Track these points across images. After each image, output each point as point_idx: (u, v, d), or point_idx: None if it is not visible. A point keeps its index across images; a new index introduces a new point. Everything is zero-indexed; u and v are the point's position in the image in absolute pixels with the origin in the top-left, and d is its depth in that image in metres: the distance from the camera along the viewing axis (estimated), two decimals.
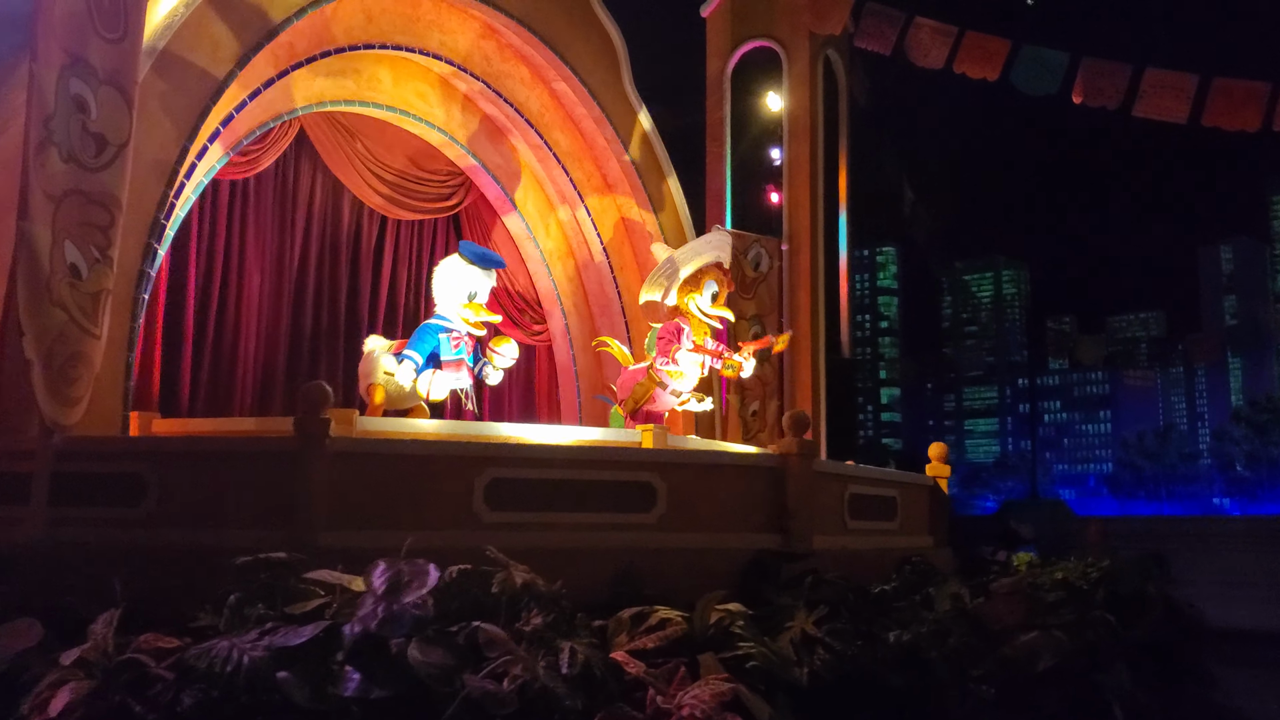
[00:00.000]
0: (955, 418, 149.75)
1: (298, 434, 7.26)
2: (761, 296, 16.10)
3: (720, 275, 11.52)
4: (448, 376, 9.86)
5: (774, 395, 16.00)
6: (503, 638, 5.24)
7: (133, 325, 8.72)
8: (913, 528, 10.96)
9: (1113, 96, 15.41)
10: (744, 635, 6.20)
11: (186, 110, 9.17)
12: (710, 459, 9.03)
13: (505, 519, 7.78)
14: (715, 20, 17.46)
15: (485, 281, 10.38)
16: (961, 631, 7.04)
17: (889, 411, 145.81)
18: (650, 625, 6.09)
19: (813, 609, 7.06)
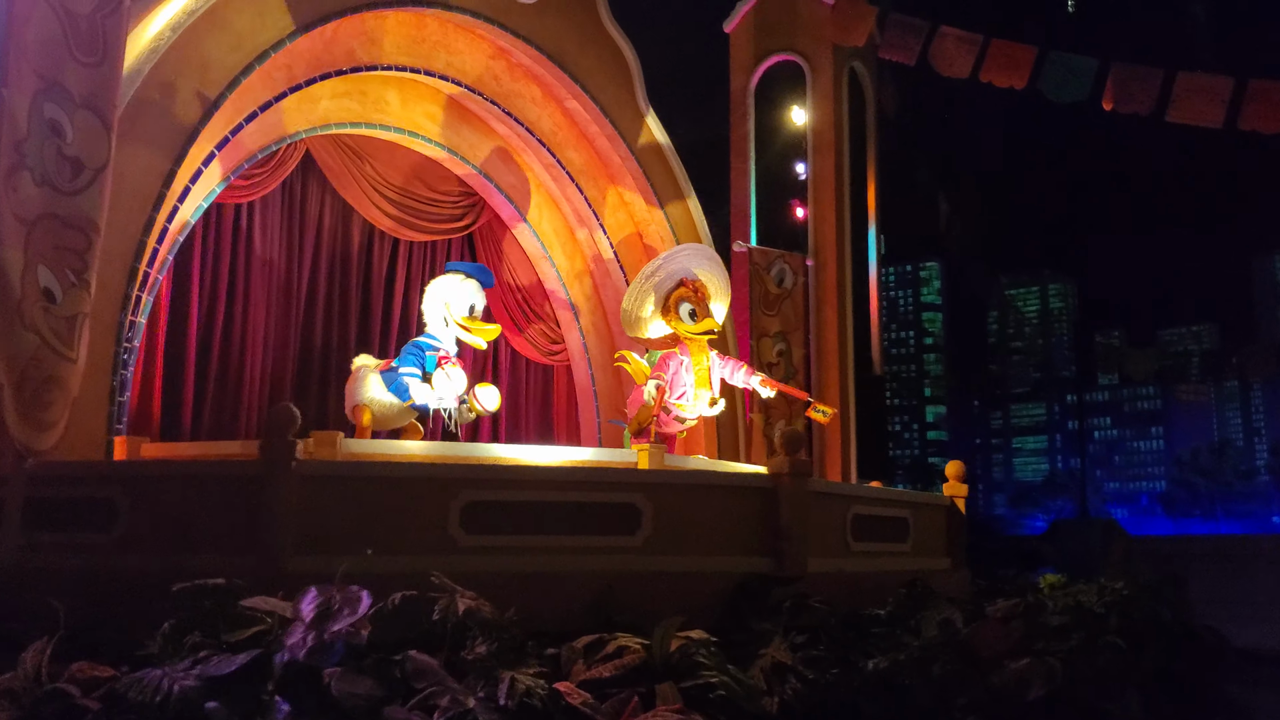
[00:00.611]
0: (1003, 435, 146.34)
1: (262, 457, 7.15)
2: (786, 313, 15.83)
3: (688, 291, 11.14)
4: (454, 374, 9.73)
5: (800, 413, 15.69)
6: (432, 668, 5.04)
7: (117, 349, 8.67)
8: (928, 549, 10.60)
9: (1144, 102, 14.96)
10: (708, 664, 5.93)
11: (173, 134, 9.15)
12: (699, 479, 8.77)
13: (482, 543, 7.61)
14: (738, 35, 17.33)
15: (481, 298, 10.29)
16: (948, 658, 6.70)
17: (935, 430, 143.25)
18: (607, 653, 5.85)
19: (792, 635, 6.79)
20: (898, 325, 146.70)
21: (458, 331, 10.10)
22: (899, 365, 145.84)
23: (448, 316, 10.11)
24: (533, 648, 5.87)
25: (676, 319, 10.99)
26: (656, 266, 11.17)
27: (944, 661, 6.62)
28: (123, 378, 9.22)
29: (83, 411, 8.22)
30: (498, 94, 13.02)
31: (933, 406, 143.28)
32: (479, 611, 5.60)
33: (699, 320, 11.06)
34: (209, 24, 9.43)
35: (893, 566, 9.78)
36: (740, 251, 15.48)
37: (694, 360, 11.00)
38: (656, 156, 14.29)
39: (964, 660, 6.77)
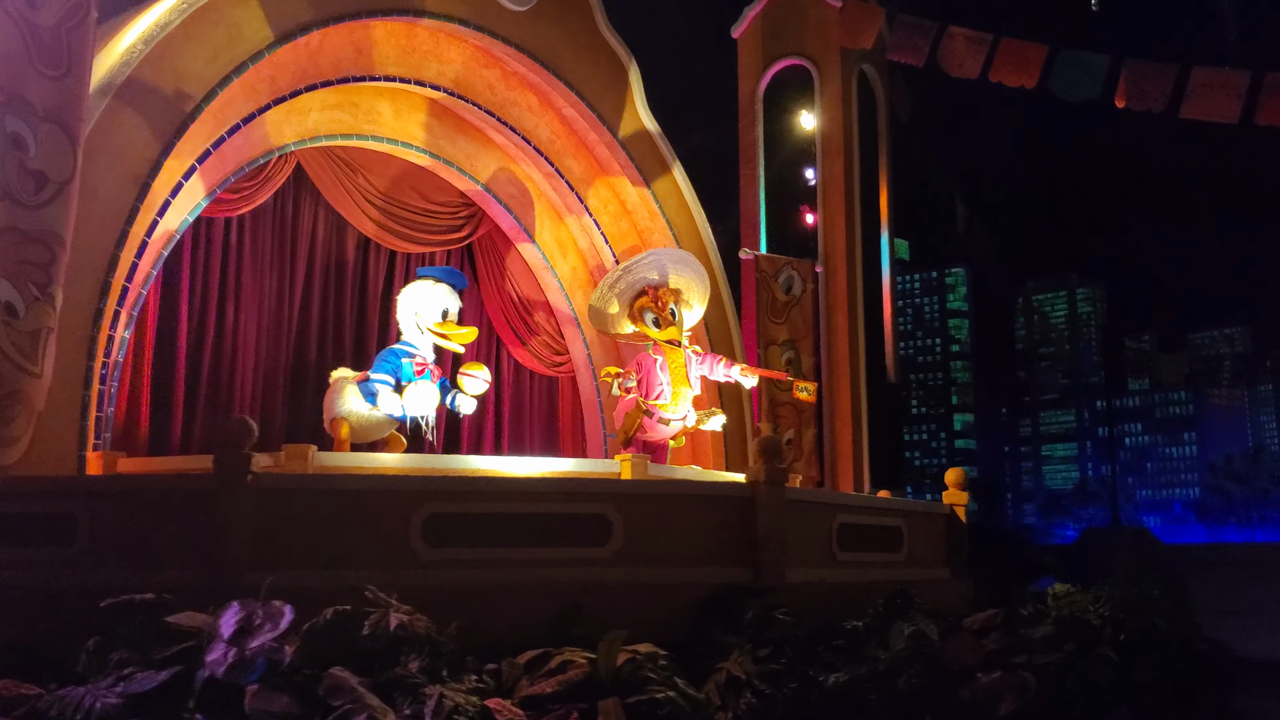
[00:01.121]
0: (1032, 443, 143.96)
1: (217, 471, 7.05)
2: (794, 320, 15.60)
3: (647, 300, 10.96)
4: (429, 389, 9.62)
5: (810, 423, 15.45)
6: (349, 685, 4.89)
7: (89, 364, 8.63)
8: (924, 559, 10.31)
9: (1158, 99, 14.62)
10: (656, 679, 5.73)
11: (146, 147, 9.13)
12: (672, 489, 8.57)
13: (445, 556, 7.47)
14: (746, 41, 17.14)
15: (456, 302, 10.19)
16: (915, 672, 6.45)
17: (963, 438, 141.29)
18: (550, 669, 5.67)
19: (756, 649, 6.58)
20: (924, 332, 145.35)
21: (431, 337, 9.97)
22: (925, 373, 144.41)
23: (419, 323, 10.00)
24: (473, 663, 5.70)
25: (643, 324, 10.86)
26: (617, 276, 11.02)
27: (911, 675, 6.38)
28: (102, 391, 9.20)
29: (52, 426, 8.21)
30: (492, 103, 12.92)
31: (960, 414, 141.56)
32: (412, 627, 5.45)
33: (663, 328, 10.89)
34: (184, 37, 9.40)
35: (884, 577, 9.48)
36: (746, 259, 15.28)
37: (669, 359, 10.82)
38: (659, 164, 14.13)
39: (933, 674, 6.52)
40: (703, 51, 19.54)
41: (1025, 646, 7.25)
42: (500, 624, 6.94)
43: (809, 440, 15.36)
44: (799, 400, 14.88)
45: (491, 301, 13.97)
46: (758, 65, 16.87)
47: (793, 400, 15.45)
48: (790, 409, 15.31)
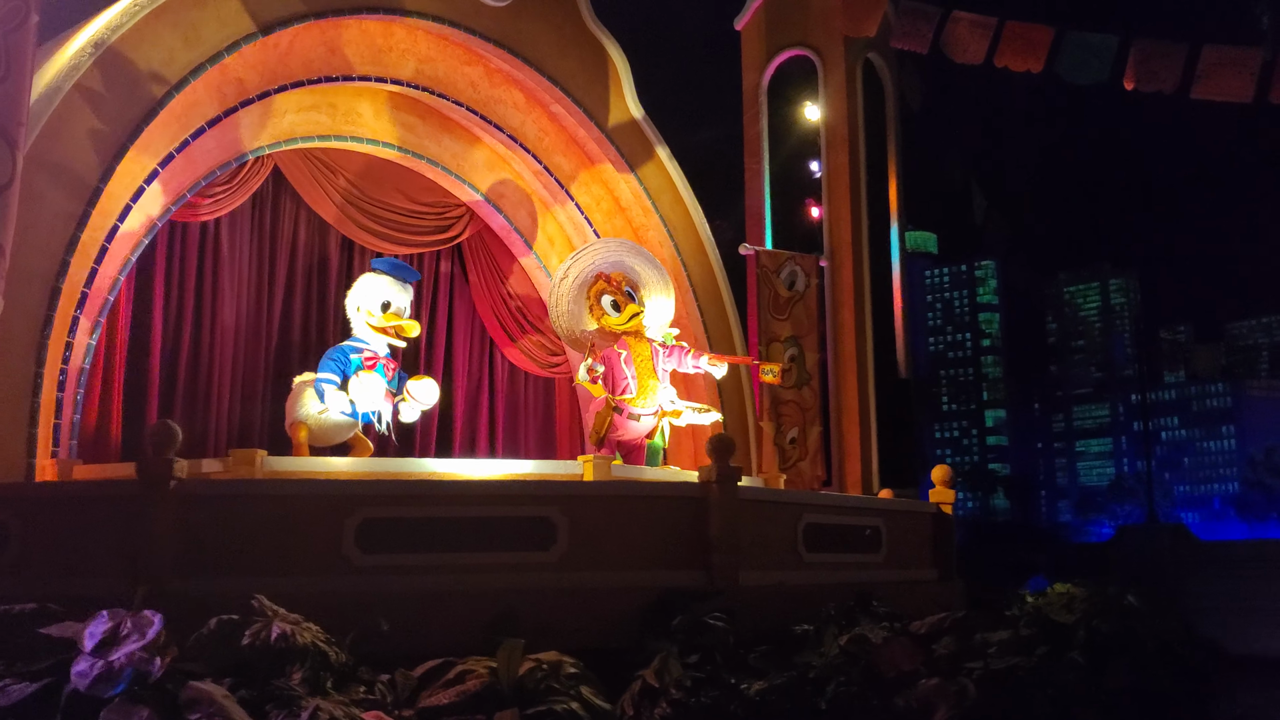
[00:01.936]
0: (1065, 439, 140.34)
1: (140, 477, 6.94)
2: (798, 316, 15.23)
3: (604, 284, 10.71)
4: (376, 380, 9.47)
5: (815, 421, 15.08)
6: (211, 696, 4.71)
7: (38, 371, 8.57)
8: (907, 560, 9.97)
9: (1168, 79, 14.05)
10: (560, 689, 5.49)
11: (97, 150, 9.06)
12: (621, 490, 8.33)
13: (380, 562, 7.31)
14: (749, 32, 16.82)
15: (400, 294, 10.04)
16: (847, 680, 6.15)
17: (994, 435, 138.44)
18: (448, 679, 5.46)
19: (687, 654, 6.32)
20: (954, 327, 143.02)
21: (362, 327, 9.84)
22: (955, 369, 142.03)
23: (363, 317, 9.88)
24: (366, 674, 5.50)
25: (602, 313, 10.59)
26: (565, 269, 10.80)
27: (842, 682, 6.08)
28: (60, 398, 9.16)
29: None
30: (475, 101, 12.75)
31: (991, 410, 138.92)
32: (294, 638, 5.26)
33: (623, 310, 10.62)
34: (136, 40, 9.33)
35: (860, 579, 9.16)
36: (747, 254, 14.95)
37: (634, 353, 10.56)
38: (650, 158, 13.89)
39: (868, 681, 6.21)
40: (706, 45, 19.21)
41: (979, 652, 6.90)
42: (434, 632, 6.77)
43: (814, 438, 15.01)
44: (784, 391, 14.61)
45: (483, 302, 13.81)
46: (761, 57, 16.55)
47: (796, 398, 15.19)
48: (794, 407, 14.99)
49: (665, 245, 14.01)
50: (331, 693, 5.11)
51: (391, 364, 9.91)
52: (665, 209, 14.00)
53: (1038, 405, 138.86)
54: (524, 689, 5.58)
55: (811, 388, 15.17)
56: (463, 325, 13.77)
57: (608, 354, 10.65)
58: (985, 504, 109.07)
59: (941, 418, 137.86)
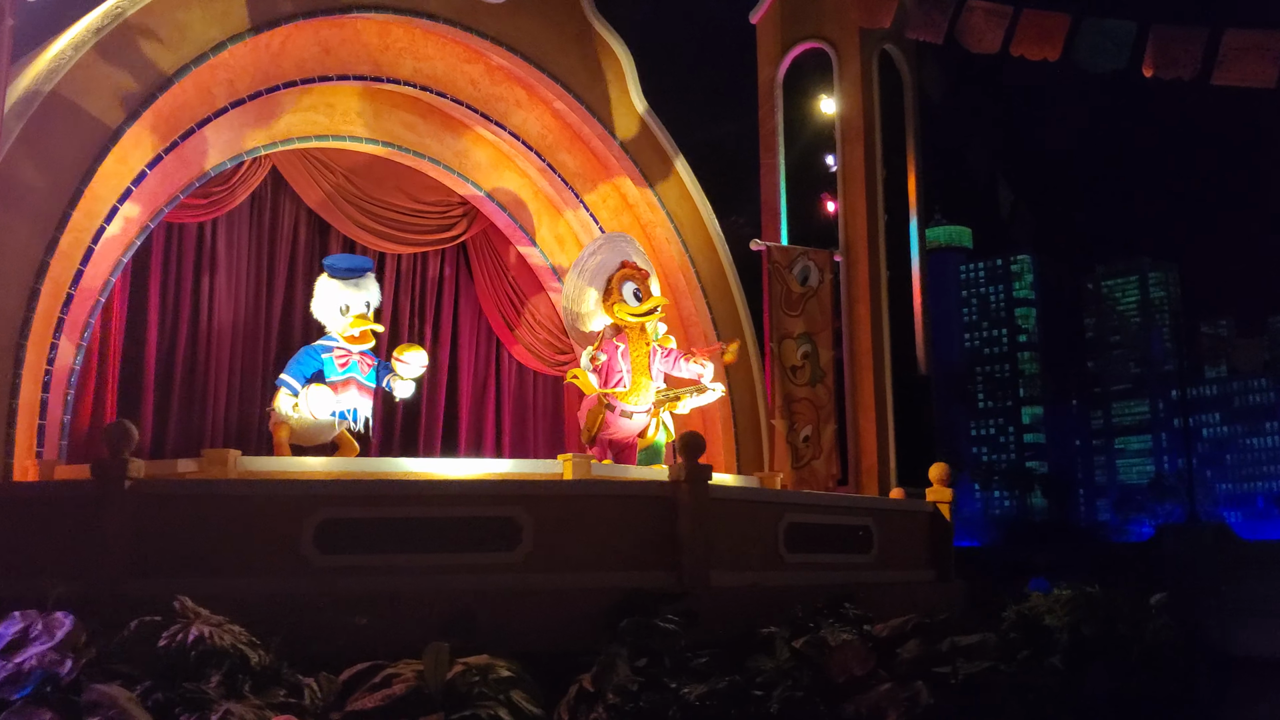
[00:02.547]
0: (1104, 436, 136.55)
1: (95, 477, 6.93)
2: (811, 312, 14.99)
3: (632, 271, 10.61)
4: (323, 393, 9.41)
5: (830, 419, 14.84)
6: (114, 699, 4.66)
7: (16, 372, 8.63)
8: (901, 561, 9.72)
9: (1188, 66, 13.63)
10: (490, 694, 5.38)
11: (77, 153, 9.10)
12: (587, 489, 8.18)
13: (339, 563, 7.24)
14: (765, 26, 16.61)
15: (357, 294, 9.98)
16: (794, 684, 5.96)
17: (1032, 432, 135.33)
18: (374, 683, 5.36)
19: (635, 658, 6.17)
20: (989, 323, 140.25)
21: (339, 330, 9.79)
22: (991, 365, 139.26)
23: (333, 326, 9.85)
24: (290, 677, 5.42)
25: (620, 302, 10.45)
26: (591, 252, 10.70)
27: (790, 686, 5.90)
28: (45, 399, 9.22)
29: None
30: (475, 99, 12.68)
31: (1028, 407, 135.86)
32: (212, 641, 5.19)
33: (643, 300, 10.50)
34: (118, 42, 9.35)
35: (847, 580, 8.94)
36: (758, 249, 14.73)
37: (632, 348, 10.43)
38: (657, 155, 13.75)
39: (818, 686, 6.02)
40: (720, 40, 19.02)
41: (946, 657, 6.68)
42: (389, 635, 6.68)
43: (829, 436, 14.76)
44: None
45: (488, 300, 13.75)
46: (776, 50, 16.32)
47: (810, 396, 14.95)
48: (808, 404, 14.77)
49: (673, 241, 13.87)
50: (249, 696, 5.04)
51: (367, 360, 9.85)
52: (672, 205, 13.85)
53: (1075, 402, 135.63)
54: (454, 693, 5.47)
55: (826, 385, 14.93)
56: (468, 324, 13.71)
57: (605, 343, 10.56)
58: (1023, 503, 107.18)
59: (978, 415, 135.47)
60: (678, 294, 14.23)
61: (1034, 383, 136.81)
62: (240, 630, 5.49)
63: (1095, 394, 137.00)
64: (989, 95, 56.91)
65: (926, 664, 6.56)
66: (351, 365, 9.65)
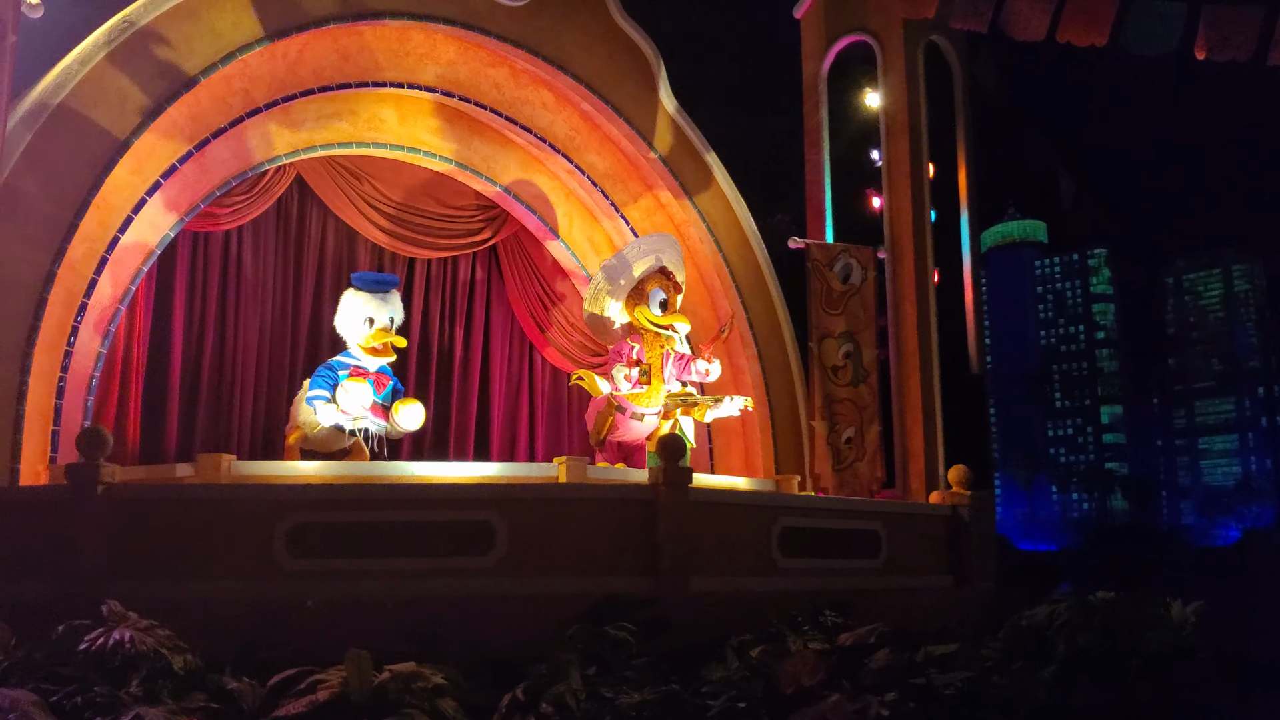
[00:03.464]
0: (1187, 435, 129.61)
1: (69, 481, 7.04)
2: (853, 310, 14.64)
3: (665, 281, 10.51)
4: (359, 388, 9.47)
5: (874, 420, 14.47)
6: (14, 702, 4.70)
7: (22, 379, 8.84)
8: (913, 566, 9.42)
9: (1243, 46, 13.02)
10: (415, 702, 5.31)
11: (84, 165, 9.30)
12: (565, 493, 8.06)
13: (310, 567, 7.27)
14: (808, 20, 16.33)
15: (382, 308, 10.00)
16: (738, 695, 5.76)
17: (1111, 432, 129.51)
18: (300, 689, 5.33)
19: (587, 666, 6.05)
20: (1066, 319, 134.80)
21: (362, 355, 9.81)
22: (1069, 363, 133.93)
23: (354, 339, 9.89)
24: (215, 682, 5.42)
25: (644, 308, 10.37)
26: (651, 244, 10.67)
27: (733, 698, 5.71)
28: (60, 405, 9.44)
29: None
30: (500, 103, 12.66)
31: (1107, 406, 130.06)
32: (133, 644, 5.21)
33: (668, 312, 10.41)
34: (126, 54, 9.54)
35: (851, 586, 8.70)
36: (797, 247, 14.45)
37: (647, 351, 10.32)
38: (688, 154, 13.60)
39: (767, 696, 5.82)
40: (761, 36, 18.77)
41: (920, 668, 6.41)
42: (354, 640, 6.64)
43: (872, 438, 14.40)
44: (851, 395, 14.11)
45: (520, 304, 13.73)
46: (820, 45, 16.01)
47: (852, 396, 14.61)
48: (849, 405, 14.43)
49: (706, 241, 13.72)
50: (166, 700, 5.04)
51: (383, 379, 9.89)
52: (705, 204, 13.70)
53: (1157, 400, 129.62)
54: (381, 700, 5.42)
55: (869, 385, 14.57)
56: (500, 328, 13.71)
57: (621, 347, 10.53)
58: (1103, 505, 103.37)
59: (1055, 414, 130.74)
60: (713, 293, 14.07)
61: (1113, 381, 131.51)
62: (168, 634, 5.52)
63: (1177, 392, 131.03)
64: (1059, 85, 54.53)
65: (899, 675, 6.30)
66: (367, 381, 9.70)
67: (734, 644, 6.77)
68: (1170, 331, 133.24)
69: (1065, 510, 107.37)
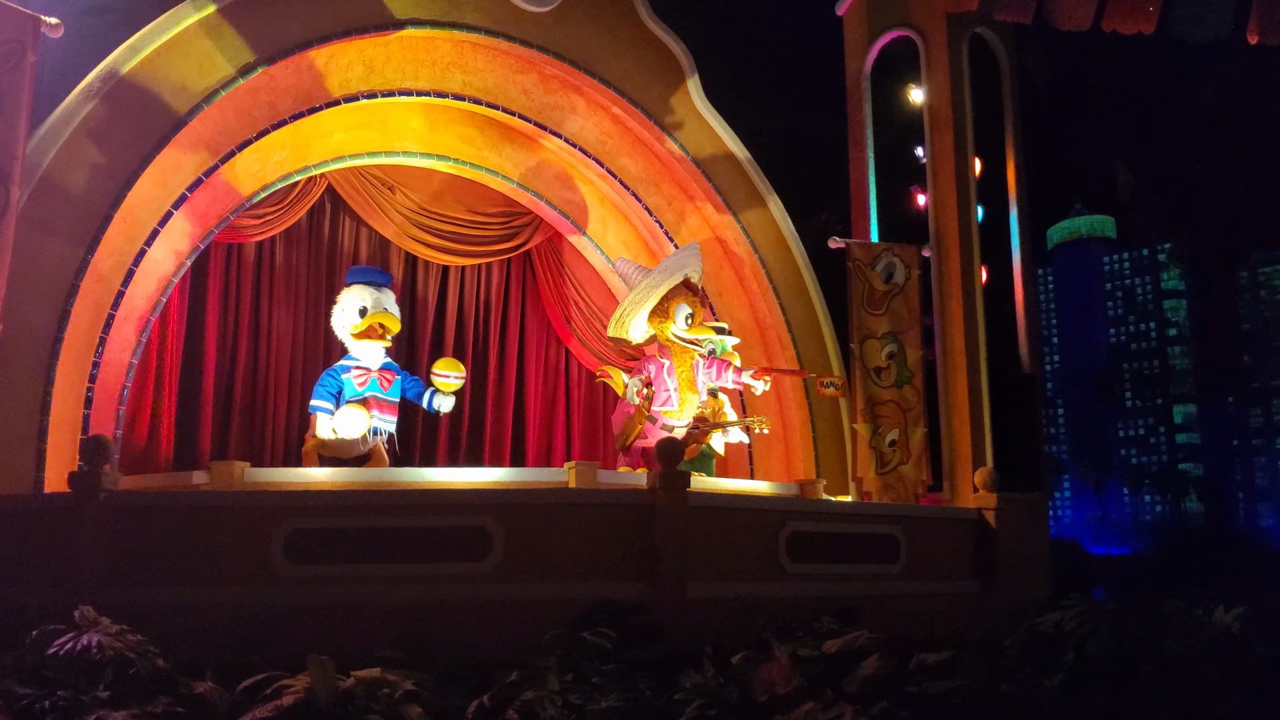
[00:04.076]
0: (1265, 435, 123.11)
1: (71, 489, 7.18)
2: (896, 311, 14.36)
3: (690, 296, 10.44)
4: (355, 414, 9.50)
5: (919, 422, 14.17)
6: None
7: (46, 390, 9.04)
8: (935, 571, 9.19)
9: None
10: (380, 710, 5.30)
11: (107, 180, 9.49)
12: (562, 498, 7.99)
13: (307, 573, 7.32)
14: (851, 17, 16.11)
15: (377, 297, 10.01)
16: (709, 703, 5.64)
17: (1185, 432, 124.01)
18: (267, 694, 5.36)
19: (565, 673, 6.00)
20: (1136, 316, 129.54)
21: (360, 343, 9.85)
22: (1140, 361, 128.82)
23: (349, 330, 9.94)
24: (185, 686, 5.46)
25: (670, 321, 10.32)
26: (676, 261, 10.68)
27: (704, 705, 5.59)
28: (87, 415, 9.65)
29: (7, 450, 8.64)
30: (529, 109, 12.67)
31: (1180, 406, 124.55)
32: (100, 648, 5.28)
33: (693, 326, 10.35)
34: (149, 70, 9.73)
35: (868, 591, 8.54)
36: (837, 247, 14.24)
37: (677, 364, 10.26)
38: (722, 155, 13.48)
39: (742, 704, 5.69)
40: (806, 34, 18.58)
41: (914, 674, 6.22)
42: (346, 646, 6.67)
43: (918, 440, 14.10)
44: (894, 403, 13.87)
45: (554, 308, 13.74)
46: (863, 41, 15.79)
47: (896, 398, 14.33)
48: (894, 407, 14.16)
49: (741, 243, 13.60)
50: (131, 705, 5.10)
51: (387, 375, 9.93)
52: (740, 205, 13.57)
53: (1232, 399, 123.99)
54: (349, 705, 5.42)
55: (914, 386, 14.28)
56: (535, 333, 13.74)
57: (649, 360, 10.49)
58: (1176, 508, 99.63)
59: (1126, 414, 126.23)
60: (751, 296, 13.94)
61: (1186, 379, 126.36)
62: (139, 640, 5.59)
63: (1253, 390, 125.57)
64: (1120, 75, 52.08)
65: (889, 683, 6.13)
66: (371, 384, 9.77)
67: (708, 651, 6.62)
68: (1245, 327, 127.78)
69: (1138, 513, 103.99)
